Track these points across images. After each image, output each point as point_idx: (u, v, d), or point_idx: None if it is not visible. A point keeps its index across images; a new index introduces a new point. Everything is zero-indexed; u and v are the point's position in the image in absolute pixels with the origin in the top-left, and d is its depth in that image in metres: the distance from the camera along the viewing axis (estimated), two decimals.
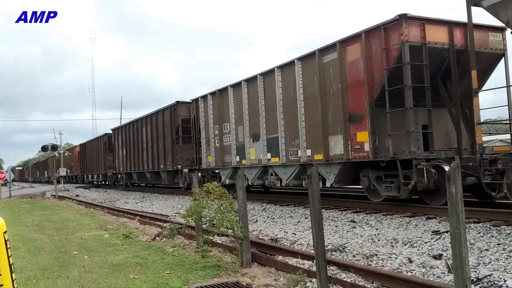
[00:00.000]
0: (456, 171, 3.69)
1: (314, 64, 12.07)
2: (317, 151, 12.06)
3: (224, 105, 16.62)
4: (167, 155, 22.01)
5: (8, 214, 17.17)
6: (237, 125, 15.83)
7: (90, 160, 40.57)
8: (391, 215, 9.95)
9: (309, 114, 12.38)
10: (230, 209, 7.05)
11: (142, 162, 25.79)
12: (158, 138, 23.14)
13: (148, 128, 24.75)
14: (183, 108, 20.86)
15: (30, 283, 6.32)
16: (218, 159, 17.14)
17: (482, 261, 5.69)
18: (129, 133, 28.32)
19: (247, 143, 15.16)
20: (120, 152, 30.42)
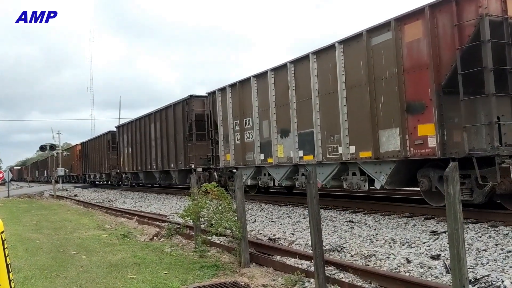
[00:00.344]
0: (454, 171, 3.69)
1: (360, 47, 10.39)
2: (363, 147, 10.38)
3: (246, 98, 15.04)
4: (178, 153, 20.63)
5: (6, 214, 17.14)
6: (262, 119, 14.31)
7: (92, 159, 38.94)
8: (389, 215, 9.96)
9: (352, 105, 10.70)
10: (228, 209, 7.04)
11: (150, 161, 24.37)
12: (169, 135, 21.71)
13: (157, 125, 23.27)
14: (197, 103, 19.39)
15: (28, 283, 6.31)
16: (238, 157, 15.59)
17: (480, 261, 5.70)
18: (135, 131, 26.86)
19: (273, 139, 13.63)
20: (125, 150, 28.92)
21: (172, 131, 21.34)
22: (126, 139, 28.68)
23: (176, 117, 20.88)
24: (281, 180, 13.62)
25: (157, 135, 23.30)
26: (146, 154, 24.88)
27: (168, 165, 21.76)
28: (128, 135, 28.14)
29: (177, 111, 20.84)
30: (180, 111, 20.30)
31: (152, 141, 23.94)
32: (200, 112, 19.14)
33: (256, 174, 14.96)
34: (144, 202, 19.80)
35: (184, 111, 19.81)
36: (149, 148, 24.38)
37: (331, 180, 11.67)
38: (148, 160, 24.58)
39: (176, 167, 20.90)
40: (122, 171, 29.89)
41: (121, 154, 29.93)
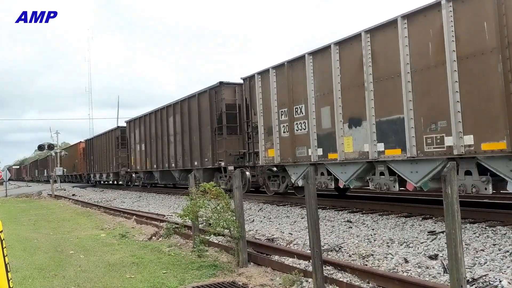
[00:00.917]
0: (452, 171, 3.70)
1: (482, 3, 7.89)
2: (490, 137, 7.75)
3: (298, 81, 12.34)
4: (204, 149, 18.18)
5: (4, 214, 17.12)
6: (320, 105, 11.62)
7: (98, 157, 36.05)
8: (387, 215, 9.97)
9: (470, 81, 8.09)
10: (226, 209, 7.05)
11: (168, 159, 21.78)
12: (192, 130, 19.21)
13: (177, 118, 20.70)
14: (228, 91, 16.95)
15: (26, 282, 6.31)
16: (285, 153, 12.99)
17: (478, 261, 5.71)
18: (149, 125, 24.25)
19: (338, 130, 10.90)
20: (137, 147, 26.23)
21: (195, 125, 18.83)
22: (138, 134, 26.01)
23: (201, 108, 18.39)
24: (349, 181, 10.89)
25: (177, 129, 20.77)
26: (163, 151, 22.28)
27: (191, 163, 19.26)
28: (141, 130, 25.45)
29: (202, 101, 18.38)
30: (207, 101, 17.82)
31: (171, 137, 21.42)
32: (231, 101, 16.96)
33: None
34: (142, 201, 19.79)
35: (212, 100, 17.41)
36: (167, 144, 21.81)
37: (429, 182, 9.03)
38: (166, 158, 22.00)
39: (201, 165, 18.42)
40: (133, 170, 27.33)
41: (132, 151, 27.22)
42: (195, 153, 18.90)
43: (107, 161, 33.29)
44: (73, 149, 46.18)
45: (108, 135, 33.30)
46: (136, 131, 26.33)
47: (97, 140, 36.51)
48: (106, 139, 33.66)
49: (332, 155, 11.28)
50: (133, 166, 27.09)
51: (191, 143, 19.30)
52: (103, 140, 34.40)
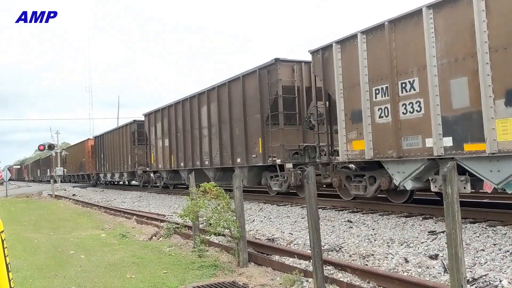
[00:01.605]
0: (452, 171, 3.70)
1: None
2: None
3: (405, 46, 9.33)
4: (250, 144, 14.99)
5: (5, 214, 17.13)
6: (448, 77, 8.48)
7: (110, 155, 32.18)
8: (387, 215, 9.97)
9: None
10: (227, 209, 7.05)
11: (199, 155, 18.42)
12: (233, 120, 16.02)
13: (213, 107, 17.44)
14: (285, 70, 13.80)
15: (26, 282, 6.31)
16: (383, 144, 9.85)
17: (478, 261, 5.72)
18: (174, 117, 20.88)
19: (486, 109, 7.72)
20: (158, 143, 22.87)
21: (239, 113, 15.64)
22: (160, 128, 22.59)
23: (248, 92, 15.16)
24: (506, 183, 7.71)
25: (212, 120, 17.45)
26: (194, 147, 18.98)
27: (232, 160, 16.03)
28: (164, 123, 22.06)
29: (249, 84, 15.11)
30: (256, 83, 14.56)
31: (204, 129, 18.11)
32: (288, 83, 13.77)
33: (427, 172, 9.19)
34: (142, 201, 19.79)
35: (263, 82, 14.19)
36: (199, 138, 18.49)
37: None
38: (197, 155, 18.68)
39: (246, 162, 15.17)
40: (154, 169, 23.79)
41: (151, 148, 23.68)
42: (238, 148, 15.74)
43: (120, 160, 29.50)
44: (80, 147, 42.22)
45: (122, 130, 29.40)
46: (158, 125, 22.86)
47: (109, 137, 32.71)
48: (119, 135, 29.76)
49: (471, 146, 8.10)
50: (153, 164, 23.64)
51: (232, 136, 16.07)
52: (116, 136, 30.49)
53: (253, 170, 15.37)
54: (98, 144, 35.89)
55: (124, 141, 28.88)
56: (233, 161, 16.08)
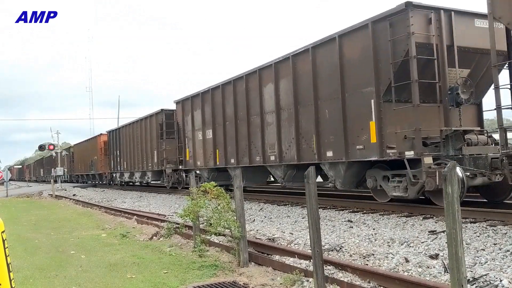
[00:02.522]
0: (452, 171, 3.70)
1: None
2: None
3: None
4: (352, 130, 10.83)
5: (5, 214, 17.14)
6: None
7: (128, 152, 27.76)
8: (388, 215, 9.97)
9: None
10: (227, 209, 7.06)
11: (261, 148, 14.46)
12: (320, 99, 11.85)
13: (284, 84, 13.27)
14: (419, 20, 9.78)
15: (27, 282, 6.32)
16: None
17: (479, 260, 5.72)
18: (221, 102, 16.72)
19: None
20: (196, 136, 18.81)
21: (331, 89, 11.44)
22: (199, 117, 18.46)
23: (348, 58, 10.92)
24: None
25: (282, 102, 13.43)
26: (251, 138, 14.98)
27: (319, 154, 11.83)
28: (205, 111, 18.04)
29: (351, 46, 10.93)
30: (365, 43, 10.48)
31: (268, 115, 14.09)
32: (424, 40, 9.81)
33: None
34: (143, 201, 19.80)
35: (380, 41, 10.13)
36: (260, 127, 14.49)
37: None
38: (256, 148, 14.75)
39: (344, 156, 10.98)
40: (190, 167, 19.45)
41: (187, 141, 19.71)
42: (328, 137, 11.63)
43: (143, 157, 25.16)
44: (90, 144, 37.49)
45: (145, 122, 24.86)
46: (196, 113, 18.76)
47: (127, 131, 28.14)
48: (141, 128, 25.40)
49: None
50: (189, 161, 19.53)
51: (318, 121, 11.93)
52: (137, 130, 26.07)
53: (353, 167, 11.21)
54: (112, 140, 31.35)
55: (148, 135, 24.36)
56: (319, 155, 11.82)
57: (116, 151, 30.44)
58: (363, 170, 11.13)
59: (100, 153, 34.39)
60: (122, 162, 29.38)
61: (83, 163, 40.18)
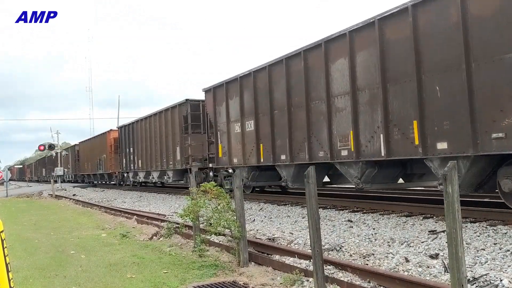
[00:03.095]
0: (453, 170, 3.70)
1: None
2: None
3: None
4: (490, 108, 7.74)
5: (5, 214, 17.14)
6: None
7: (144, 149, 24.88)
8: (388, 215, 9.97)
9: None
10: (227, 209, 7.06)
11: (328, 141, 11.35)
12: (426, 72, 8.81)
13: (362, 58, 10.34)
14: None
15: (27, 282, 6.31)
16: None
17: (479, 260, 5.71)
18: (267, 86, 13.65)
19: None
20: (232, 128, 15.68)
21: (443, 59, 8.55)
22: (236, 107, 15.38)
23: (474, 13, 7.99)
24: None
25: (359, 82, 10.43)
26: (311, 128, 11.93)
27: (424, 146, 8.84)
28: (244, 99, 15.05)
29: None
30: None
31: (337, 99, 11.04)
32: None
33: None
34: (143, 201, 19.80)
35: None
36: (325, 114, 11.37)
37: None
38: (319, 140, 11.64)
39: (472, 147, 7.99)
40: (223, 164, 16.58)
41: (220, 136, 16.52)
42: (438, 122, 8.62)
43: (163, 154, 22.33)
44: (98, 141, 34.51)
45: (165, 115, 22.15)
46: (232, 102, 15.73)
47: (143, 125, 25.30)
48: (160, 122, 22.71)
49: None
50: (223, 159, 16.45)
51: (422, 101, 8.90)
52: (156, 124, 23.26)
53: (479, 163, 8.28)
54: (124, 136, 28.52)
55: (169, 130, 21.54)
56: (425, 148, 8.82)
57: (129, 148, 27.46)
58: (490, 167, 8.45)
59: (110, 151, 31.34)
60: (136, 160, 26.43)
61: (90, 162, 37.30)
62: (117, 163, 30.38)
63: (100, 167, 33.98)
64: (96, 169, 35.17)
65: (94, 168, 35.80)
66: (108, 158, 31.68)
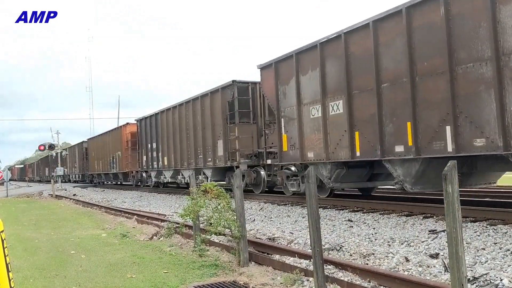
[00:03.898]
0: (453, 170, 3.70)
1: None
2: None
3: None
4: None
5: (5, 214, 17.15)
6: None
7: (171, 144, 21.37)
8: (388, 214, 9.97)
9: None
10: (227, 208, 7.05)
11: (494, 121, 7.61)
12: None
13: None
14: None
15: (27, 282, 6.31)
16: None
17: (479, 260, 5.71)
18: (374, 49, 9.82)
19: None
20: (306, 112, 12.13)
21: None
22: (315, 83, 11.68)
23: None
24: None
25: None
26: (461, 104, 8.19)
27: None
28: (326, 72, 11.34)
29: None
30: None
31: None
32: None
33: None
34: (143, 201, 19.80)
35: None
36: (490, 82, 7.71)
37: None
38: (477, 123, 7.93)
39: None
40: (293, 160, 13.00)
41: (285, 123, 13.08)
42: None
43: (197, 150, 18.84)
44: (112, 137, 30.73)
45: (201, 103, 18.47)
46: (304, 79, 12.11)
47: (169, 116, 21.68)
48: (195, 110, 19.00)
49: None
50: (289, 153, 12.99)
51: None
52: (188, 113, 19.64)
53: None
54: (144, 130, 24.80)
55: (206, 120, 18.05)
56: None
57: (151, 143, 23.72)
58: None
59: (126, 148, 27.59)
60: (160, 157, 22.66)
61: (101, 160, 33.67)
62: (135, 161, 26.38)
63: (113, 165, 30.26)
64: (109, 168, 31.45)
65: (106, 167, 32.10)
66: (124, 155, 27.98)
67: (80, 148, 40.79)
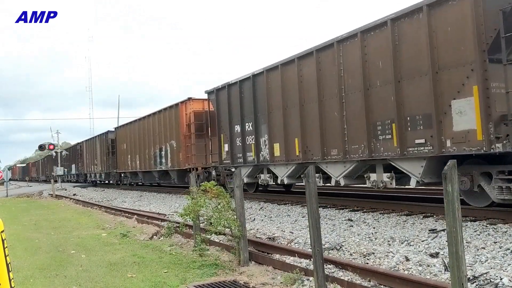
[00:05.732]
0: (453, 169, 3.70)
1: None
2: None
3: None
4: None
5: (5, 213, 17.15)
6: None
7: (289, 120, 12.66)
8: (388, 214, 9.97)
9: None
10: (227, 208, 7.05)
11: None
12: None
13: None
14: None
15: (27, 282, 6.32)
16: None
17: (479, 259, 5.72)
18: None
19: None
20: None
21: None
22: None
23: None
24: None
25: None
26: None
27: None
28: None
29: None
30: None
31: None
32: None
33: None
34: (143, 201, 19.80)
35: None
36: None
37: None
38: None
39: None
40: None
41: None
42: None
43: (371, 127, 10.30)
44: (159, 121, 22.49)
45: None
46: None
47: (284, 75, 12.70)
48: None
49: None
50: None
51: None
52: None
53: None
54: (223, 105, 16.19)
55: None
56: None
57: (242, 123, 15.01)
58: None
59: (187, 134, 19.69)
60: (268, 143, 13.58)
61: (138, 154, 25.38)
62: (201, 153, 19.18)
63: (160, 161, 22.21)
64: (153, 165, 23.21)
65: (148, 163, 23.91)
66: (183, 146, 19.74)
67: (104, 140, 31.65)
